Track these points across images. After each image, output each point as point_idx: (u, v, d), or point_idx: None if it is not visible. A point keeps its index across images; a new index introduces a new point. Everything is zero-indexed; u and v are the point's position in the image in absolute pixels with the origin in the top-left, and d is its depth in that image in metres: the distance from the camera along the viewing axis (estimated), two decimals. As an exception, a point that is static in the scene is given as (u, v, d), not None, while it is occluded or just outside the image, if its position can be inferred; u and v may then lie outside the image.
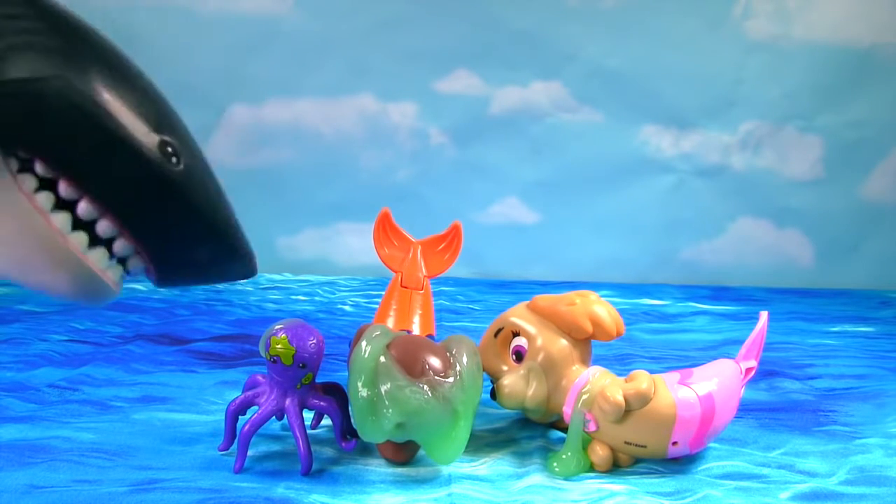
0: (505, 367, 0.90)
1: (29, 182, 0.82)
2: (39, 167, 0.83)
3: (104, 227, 0.88)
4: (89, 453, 0.83)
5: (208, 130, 1.69)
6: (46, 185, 0.86)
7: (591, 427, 0.83)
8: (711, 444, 0.89)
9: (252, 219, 1.77)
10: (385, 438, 0.78)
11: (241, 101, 1.73)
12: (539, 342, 0.87)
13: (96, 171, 0.84)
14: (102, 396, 1.00)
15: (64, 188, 0.85)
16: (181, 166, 0.88)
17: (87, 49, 0.86)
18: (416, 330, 0.97)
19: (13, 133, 0.81)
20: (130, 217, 0.88)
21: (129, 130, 0.84)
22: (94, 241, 0.91)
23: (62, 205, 0.88)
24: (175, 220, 0.90)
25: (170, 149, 0.87)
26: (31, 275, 0.84)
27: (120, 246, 0.90)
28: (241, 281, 1.01)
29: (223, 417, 0.83)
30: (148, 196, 0.87)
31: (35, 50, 0.80)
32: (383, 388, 0.76)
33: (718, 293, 1.77)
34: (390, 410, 0.76)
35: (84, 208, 0.86)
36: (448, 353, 0.81)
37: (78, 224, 0.89)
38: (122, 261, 0.94)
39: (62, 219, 0.83)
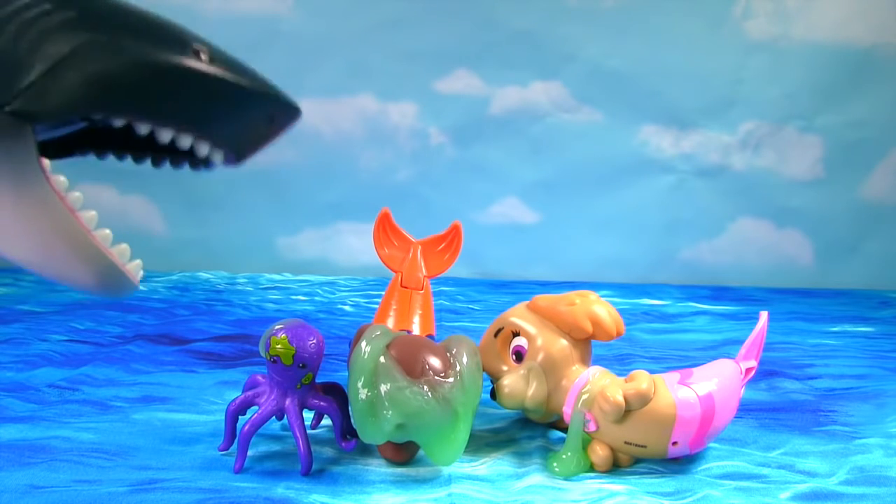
0: (505, 367, 0.89)
1: (61, 182, 0.89)
2: (116, 121, 0.91)
3: (183, 141, 0.96)
4: (89, 453, 0.83)
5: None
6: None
7: (591, 427, 0.83)
8: (711, 444, 0.89)
9: (252, 219, 1.81)
10: (385, 439, 0.78)
11: (241, 101, 1.73)
12: (539, 342, 0.87)
13: (159, 101, 0.92)
14: (102, 396, 1.00)
15: (140, 127, 0.92)
16: (216, 61, 0.98)
17: (102, 8, 0.93)
18: (416, 330, 0.97)
19: (81, 101, 0.87)
20: (197, 122, 0.97)
21: (170, 57, 0.92)
22: (181, 157, 1.03)
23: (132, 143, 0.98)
24: (229, 104, 1.00)
25: (201, 54, 0.96)
26: (60, 269, 0.90)
27: (199, 149, 0.98)
28: (295, 121, 1.12)
29: (223, 417, 0.83)
30: (205, 97, 0.97)
31: (65, 27, 0.87)
32: (383, 389, 0.76)
33: (718, 293, 1.77)
34: (390, 412, 0.75)
35: (162, 134, 0.94)
36: (448, 354, 0.81)
37: (162, 148, 0.98)
38: (205, 161, 1.02)
39: (90, 217, 0.90)
